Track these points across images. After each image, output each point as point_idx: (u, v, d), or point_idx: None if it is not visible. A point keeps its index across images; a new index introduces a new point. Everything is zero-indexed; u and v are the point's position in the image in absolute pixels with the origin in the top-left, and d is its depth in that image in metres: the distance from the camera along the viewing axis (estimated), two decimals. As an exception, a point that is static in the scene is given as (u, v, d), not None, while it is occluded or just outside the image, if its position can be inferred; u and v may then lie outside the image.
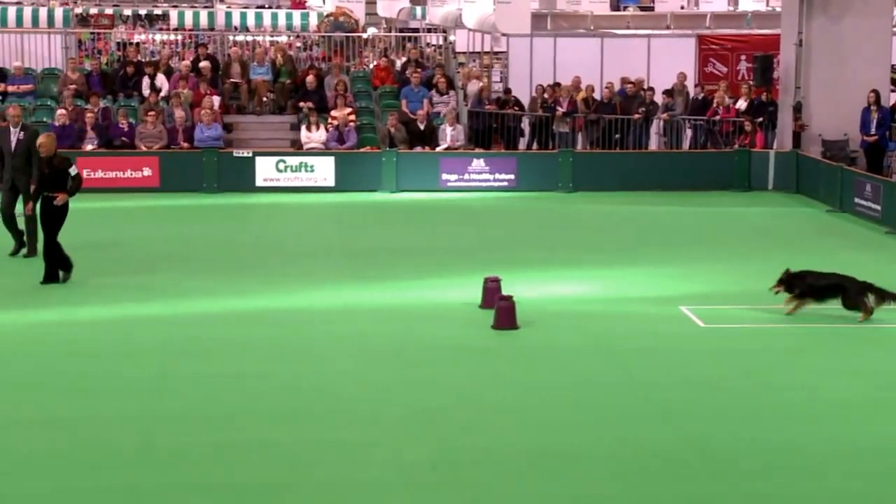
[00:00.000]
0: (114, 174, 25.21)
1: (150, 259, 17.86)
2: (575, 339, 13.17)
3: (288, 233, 20.70)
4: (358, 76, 29.37)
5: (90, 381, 11.25)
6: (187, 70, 27.97)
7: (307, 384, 11.30)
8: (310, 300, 14.86)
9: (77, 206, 23.13)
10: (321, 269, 17.02)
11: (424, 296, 15.25)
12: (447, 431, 10.00)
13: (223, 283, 15.89)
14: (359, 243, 19.54)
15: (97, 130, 25.79)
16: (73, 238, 19.54)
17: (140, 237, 19.89)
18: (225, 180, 25.30)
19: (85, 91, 27.15)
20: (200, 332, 13.27)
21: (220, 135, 26.09)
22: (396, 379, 11.53)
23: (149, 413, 10.31)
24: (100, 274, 16.53)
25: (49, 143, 15.69)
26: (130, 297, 15.00)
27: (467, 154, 26.15)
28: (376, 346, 12.79)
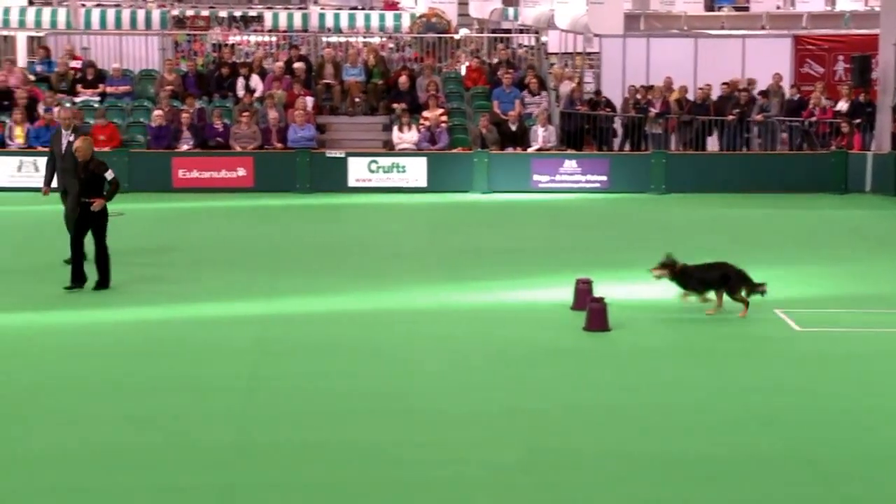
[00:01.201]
0: (208, 174, 25.52)
1: (243, 259, 18.02)
2: (668, 342, 13.03)
3: (380, 233, 20.77)
4: (450, 77, 29.39)
5: (183, 380, 11.34)
6: (281, 71, 28.20)
7: (399, 385, 11.30)
8: (401, 301, 14.87)
9: (172, 206, 23.64)
10: (413, 270, 17.04)
11: (516, 297, 15.20)
12: (539, 433, 9.94)
13: (315, 283, 15.98)
14: (450, 244, 19.55)
15: (193, 131, 26.12)
16: (168, 237, 19.88)
17: (233, 237, 20.09)
18: (317, 181, 25.49)
19: (181, 92, 27.50)
20: (293, 331, 13.33)
21: (313, 135, 26.28)
22: (488, 380, 11.49)
23: (243, 412, 10.37)
24: (193, 273, 16.71)
25: (85, 146, 15.11)
26: (223, 296, 15.12)
27: (559, 155, 26.05)
28: (468, 347, 12.76)
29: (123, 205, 23.25)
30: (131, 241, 19.49)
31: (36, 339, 12.89)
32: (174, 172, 25.52)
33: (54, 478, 8.85)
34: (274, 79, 27.95)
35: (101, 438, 9.65)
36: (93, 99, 27.69)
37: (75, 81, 28.08)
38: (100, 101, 27.65)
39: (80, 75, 28.22)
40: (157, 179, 25.40)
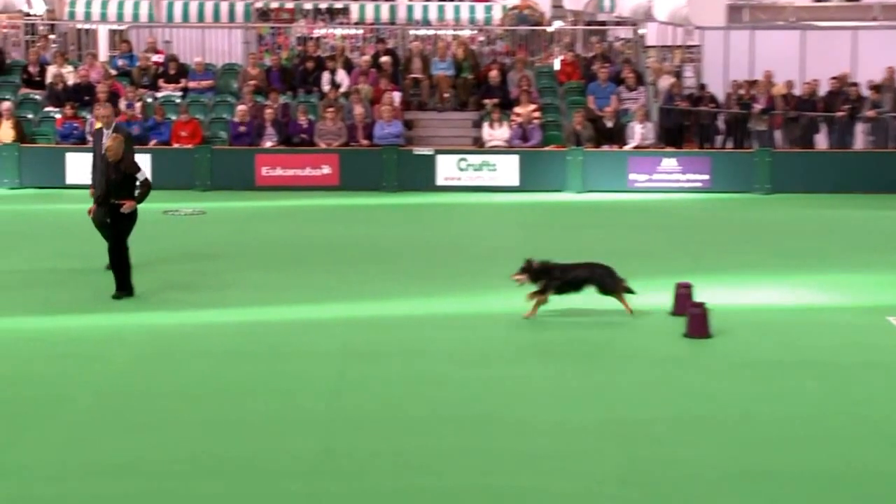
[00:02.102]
0: (293, 172, 25.72)
1: (328, 260, 18.14)
2: (773, 350, 12.88)
3: (469, 234, 20.78)
4: (543, 71, 29.33)
5: (267, 385, 11.44)
6: (367, 65, 28.35)
7: (491, 391, 11.30)
8: (492, 304, 14.86)
9: (255, 205, 23.87)
10: (504, 273, 16.97)
11: (613, 301, 15.12)
12: (638, 444, 9.87)
13: (402, 285, 16.03)
14: (543, 245, 19.41)
15: (276, 127, 26.35)
16: (250, 237, 20.07)
17: (318, 237, 20.23)
18: (405, 179, 25.57)
19: (264, 87, 27.77)
20: (379, 335, 13.39)
21: (400, 132, 26.37)
22: (584, 387, 11.44)
23: (329, 417, 10.44)
24: (276, 274, 16.85)
25: (117, 146, 14.89)
26: (308, 297, 15.23)
27: (657, 153, 25.88)
28: (563, 352, 12.72)
29: (206, 203, 23.65)
30: (213, 241, 19.73)
31: (110, 343, 13.07)
32: (257, 170, 25.76)
33: (141, 485, 8.97)
34: (360, 73, 28.10)
35: (187, 446, 9.75)
36: (175, 94, 28.07)
37: (157, 76, 28.49)
38: (182, 97, 28.02)
39: (162, 70, 28.62)
40: (240, 177, 25.66)
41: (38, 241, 16.21)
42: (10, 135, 26.13)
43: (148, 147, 26.02)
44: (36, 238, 19.68)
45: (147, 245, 18.77)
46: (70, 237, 19.44)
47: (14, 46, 32.49)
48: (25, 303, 14.61)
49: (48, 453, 9.51)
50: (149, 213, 22.57)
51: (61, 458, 9.41)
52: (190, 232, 20.76)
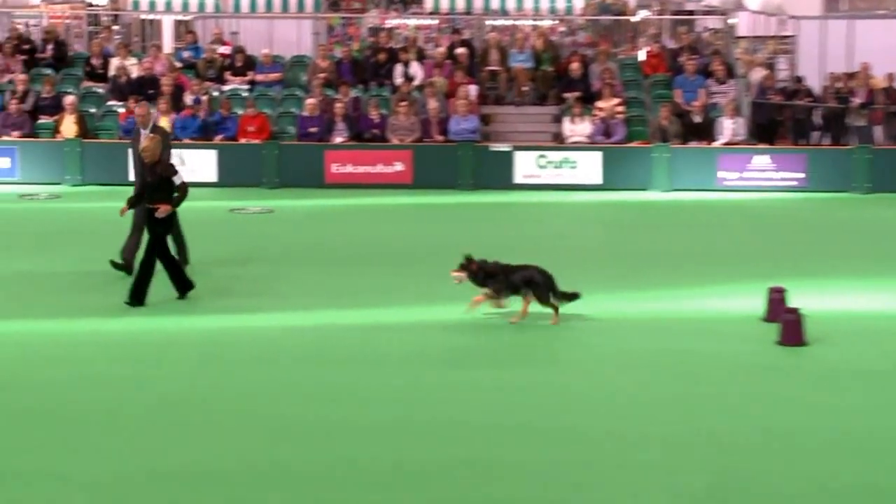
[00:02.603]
0: (364, 169, 25.79)
1: (401, 260, 18.17)
2: (873, 359, 12.69)
3: (549, 235, 20.71)
4: (627, 63, 29.20)
5: (337, 390, 11.47)
6: (442, 57, 28.38)
7: (570, 399, 11.25)
8: (574, 308, 14.79)
9: (324, 203, 23.96)
10: (586, 275, 16.93)
11: (700, 306, 15.01)
12: (727, 456, 9.78)
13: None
14: (627, 247, 19.40)
15: (347, 122, 26.44)
16: (319, 236, 20.15)
17: (390, 237, 20.27)
18: (481, 176, 25.55)
19: (335, 79, 27.88)
20: (453, 339, 13.38)
21: (476, 127, 26.35)
22: (671, 397, 11.36)
23: (401, 425, 10.44)
24: (346, 275, 16.90)
25: (153, 147, 14.80)
26: (379, 300, 15.25)
27: (749, 150, 25.65)
28: (648, 360, 12.64)
29: (273, 201, 23.79)
30: (280, 240, 19.83)
31: (172, 346, 13.19)
32: (327, 167, 25.87)
33: (204, 493, 9.03)
34: (435, 65, 28.14)
35: (251, 454, 9.79)
36: (241, 87, 28.27)
37: (223, 69, 28.72)
38: (249, 90, 28.21)
39: (229, 62, 28.85)
40: (309, 174, 25.77)
41: (97, 239, 16.37)
42: (72, 130, 26.47)
43: (214, 143, 26.25)
44: (95, 236, 19.87)
45: (212, 245, 18.92)
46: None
47: (76, 38, 32.95)
48: (82, 304, 14.74)
49: (108, 460, 9.58)
50: (215, 211, 22.92)
51: (121, 465, 9.48)
52: (257, 231, 20.89)
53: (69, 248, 18.71)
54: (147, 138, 15.19)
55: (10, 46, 29.27)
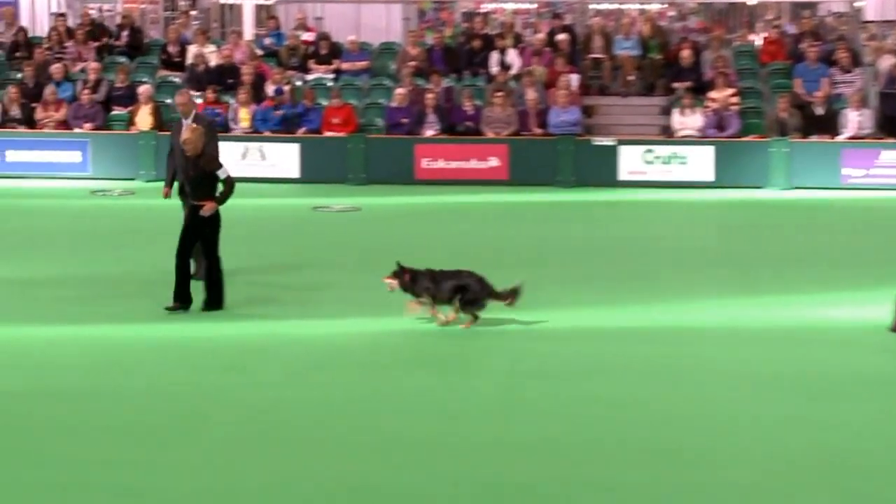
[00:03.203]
0: (456, 164, 25.81)
1: (495, 263, 18.07)
2: None
3: (656, 235, 20.58)
4: (742, 51, 28.94)
5: (429, 403, 11.44)
6: (542, 44, 28.31)
7: (682, 415, 11.13)
8: (683, 316, 14.67)
9: (413, 201, 24.00)
10: (697, 280, 16.82)
11: (822, 315, 14.80)
12: (854, 478, 9.61)
13: (577, 293, 15.94)
14: (741, 250, 19.20)
15: (439, 113, 26.46)
16: (407, 236, 20.17)
17: (484, 237, 20.23)
18: (583, 172, 25.47)
19: (426, 68, 27.91)
20: (552, 349, 13.32)
21: (577, 119, 26.27)
22: (791, 414, 11.20)
23: (498, 441, 10.39)
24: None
25: (195, 139, 14.44)
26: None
27: (877, 144, 25.29)
28: (766, 373, 12.47)
29: (359, 199, 23.87)
30: (367, 240, 19.89)
31: (256, 354, 13.26)
32: (417, 162, 25.91)
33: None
34: (533, 53, 28.08)
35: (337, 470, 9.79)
36: (326, 76, 28.42)
37: (307, 56, 28.88)
38: (334, 80, 28.34)
39: (313, 49, 29.00)
40: (398, 169, 25.84)
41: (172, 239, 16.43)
42: (147, 121, 26.76)
43: (296, 136, 26.40)
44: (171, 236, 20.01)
45: (294, 245, 19.03)
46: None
47: (152, 24, 33.38)
48: (158, 308, 14.77)
49: (189, 476, 9.61)
50: (297, 209, 23.06)
51: (203, 481, 9.50)
52: (342, 230, 20.98)
53: (143, 248, 18.88)
54: (188, 129, 14.81)
55: (82, 33, 29.68)
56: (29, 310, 14.91)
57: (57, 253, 18.74)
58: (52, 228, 20.98)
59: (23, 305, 15.16)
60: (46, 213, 22.65)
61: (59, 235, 20.36)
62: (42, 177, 26.49)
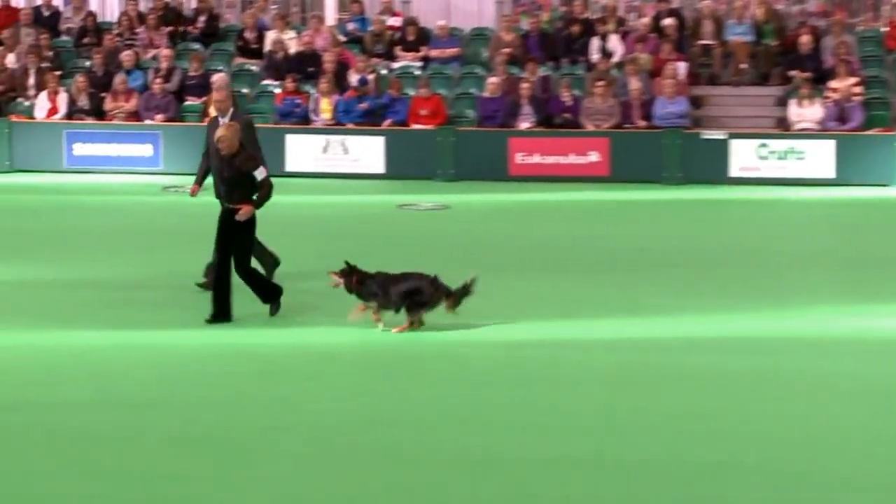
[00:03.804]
0: (553, 159, 25.78)
1: (593, 266, 18.05)
2: None
3: (771, 237, 20.41)
4: (866, 37, 28.62)
5: (519, 416, 11.40)
6: (647, 29, 28.18)
7: (792, 435, 11.00)
8: (799, 325, 14.51)
9: (506, 199, 23.97)
10: (814, 286, 16.64)
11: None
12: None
13: (687, 299, 15.84)
14: (865, 253, 18.99)
15: (534, 105, 26.43)
16: (499, 236, 20.14)
17: (582, 238, 20.18)
18: (691, 168, 25.35)
19: (521, 56, 27.89)
20: (658, 359, 13.22)
21: (685, 111, 26.13)
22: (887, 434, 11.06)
23: (597, 458, 10.33)
24: (528, 282, 16.89)
25: (230, 136, 14.25)
26: (569, 312, 15.16)
27: None
28: (890, 390, 12.33)
29: (448, 196, 23.88)
30: (455, 241, 19.89)
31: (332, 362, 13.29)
32: (510, 156, 25.90)
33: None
34: (637, 39, 27.95)
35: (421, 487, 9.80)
36: (413, 64, 28.47)
37: (393, 43, 28.96)
38: (422, 68, 28.39)
39: (400, 35, 29.08)
40: (490, 165, 25.85)
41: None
42: (221, 113, 26.94)
43: (381, 128, 26.47)
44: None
45: (378, 245, 19.06)
46: (284, 236, 19.87)
47: (228, 8, 33.59)
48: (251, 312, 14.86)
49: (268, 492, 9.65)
50: (381, 207, 23.12)
51: (279, 498, 9.55)
52: (429, 230, 21.00)
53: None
54: (223, 126, 14.63)
55: (154, 18, 29.98)
56: (92, 314, 15.00)
57: (124, 253, 18.91)
58: (120, 227, 21.19)
59: (86, 310, 15.28)
60: (115, 211, 22.89)
61: (127, 234, 20.54)
62: (111, 172, 26.83)
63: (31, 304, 15.64)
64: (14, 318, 14.73)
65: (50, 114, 27.81)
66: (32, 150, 27.23)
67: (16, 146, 27.26)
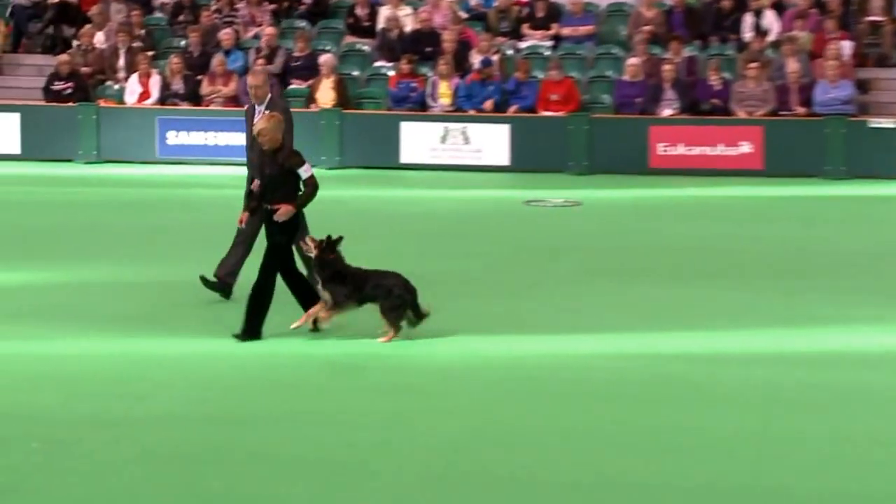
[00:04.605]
0: (699, 150, 25.64)
1: (744, 270, 17.87)
2: None
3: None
4: None
5: (662, 438, 11.32)
6: (807, 4, 27.88)
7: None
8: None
9: (646, 194, 23.87)
10: None
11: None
12: None
13: (846, 308, 15.70)
14: None
15: (678, 89, 26.27)
16: (635, 236, 20.01)
17: (732, 238, 20.06)
18: (856, 161, 25.15)
19: (663, 34, 27.73)
20: (814, 376, 13.09)
21: (850, 96, 25.88)
22: None
23: (751, 486, 10.21)
24: (674, 288, 16.84)
25: (272, 128, 14.03)
26: (718, 323, 15.05)
27: None
28: None
29: (581, 191, 23.77)
30: (587, 241, 19.85)
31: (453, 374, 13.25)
32: (651, 147, 25.78)
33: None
34: (796, 15, 27.67)
35: None
36: (543, 44, 28.39)
37: (520, 20, 28.91)
38: (552, 48, 28.30)
39: (528, 12, 29.02)
40: (628, 156, 25.78)
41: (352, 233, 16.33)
42: (330, 97, 27.04)
43: (506, 115, 26.40)
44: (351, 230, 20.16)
45: (502, 246, 19.04)
46: (392, 234, 19.93)
47: (338, -18, 33.70)
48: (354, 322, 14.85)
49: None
50: (506, 203, 23.08)
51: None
52: (558, 229, 20.94)
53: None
54: (264, 117, 14.38)
55: (256, -7, 30.20)
56: (182, 320, 15.07)
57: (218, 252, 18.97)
58: (217, 224, 21.26)
59: (175, 315, 15.35)
60: (211, 206, 22.98)
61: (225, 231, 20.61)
62: (207, 163, 27.01)
63: (121, 307, 15.74)
64: (104, 324, 14.84)
65: (141, 99, 28.08)
66: (122, 138, 27.49)
67: (104, 134, 27.53)
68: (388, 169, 25.78)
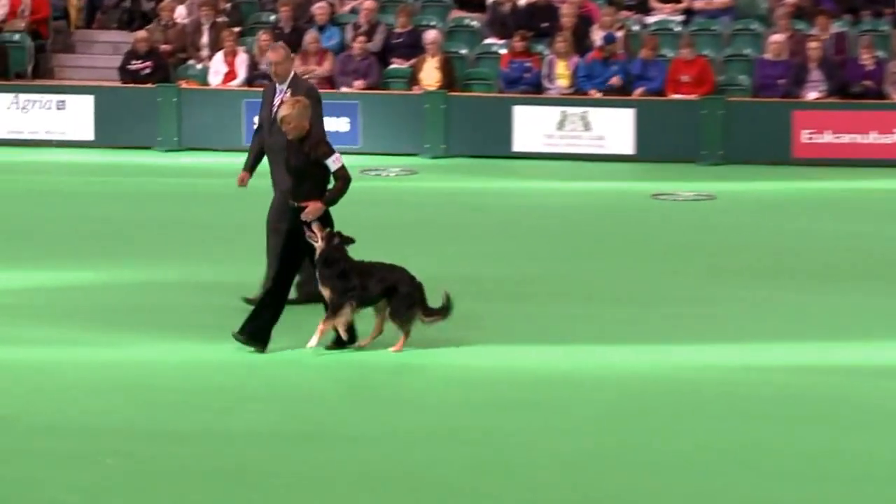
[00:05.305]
0: (849, 138, 25.51)
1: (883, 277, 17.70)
2: None
3: None
4: None
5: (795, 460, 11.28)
6: (972, -26, 27.59)
7: None
8: None
9: (787, 187, 23.74)
10: None
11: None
12: None
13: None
14: None
15: (826, 69, 26.07)
16: (781, 233, 19.91)
17: (882, 240, 20.02)
18: None
19: (809, 8, 27.52)
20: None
21: None
22: None
23: None
24: (813, 295, 16.80)
25: (297, 115, 13.72)
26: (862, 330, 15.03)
27: None
28: None
29: (715, 183, 23.68)
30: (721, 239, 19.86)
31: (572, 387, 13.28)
32: (795, 134, 25.65)
33: None
34: (959, -14, 27.41)
35: None
36: (673, 19, 28.26)
37: (647, -8, 28.83)
38: (683, 23, 28.16)
39: (656, -17, 28.94)
40: (768, 144, 25.64)
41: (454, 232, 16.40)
42: (434, 78, 27.04)
43: (631, 99, 26.31)
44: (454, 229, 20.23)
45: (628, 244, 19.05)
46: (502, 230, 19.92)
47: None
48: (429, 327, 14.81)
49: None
50: (631, 196, 23.05)
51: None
52: (690, 226, 20.96)
53: (423, 247, 18.91)
54: (288, 103, 14.12)
55: (353, -39, 30.26)
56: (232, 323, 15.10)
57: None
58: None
59: (224, 318, 15.37)
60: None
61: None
62: (298, 150, 27.08)
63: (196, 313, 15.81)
64: (183, 331, 14.91)
65: (227, 79, 28.20)
66: (205, 123, 27.59)
67: (186, 119, 27.66)
68: (499, 158, 25.74)
